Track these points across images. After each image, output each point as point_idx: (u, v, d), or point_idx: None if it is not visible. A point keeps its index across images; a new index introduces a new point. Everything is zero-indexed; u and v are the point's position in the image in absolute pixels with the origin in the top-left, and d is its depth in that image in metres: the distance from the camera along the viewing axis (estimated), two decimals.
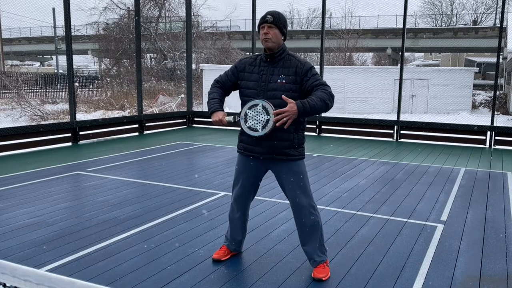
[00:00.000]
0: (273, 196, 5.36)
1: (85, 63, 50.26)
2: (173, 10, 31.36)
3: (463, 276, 3.29)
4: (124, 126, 10.63)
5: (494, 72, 9.97)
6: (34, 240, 3.85)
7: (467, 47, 36.35)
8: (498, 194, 5.70)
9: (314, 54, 46.06)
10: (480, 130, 9.82)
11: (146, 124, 11.10)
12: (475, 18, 46.54)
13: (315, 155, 8.30)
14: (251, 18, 11.31)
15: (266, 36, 3.05)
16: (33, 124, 14.81)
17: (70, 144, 9.10)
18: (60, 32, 34.94)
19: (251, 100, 3.06)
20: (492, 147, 9.65)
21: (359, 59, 43.91)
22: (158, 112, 18.06)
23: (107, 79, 28.05)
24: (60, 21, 34.69)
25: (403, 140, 10.45)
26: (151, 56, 32.39)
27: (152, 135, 10.82)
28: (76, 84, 25.96)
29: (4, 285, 1.25)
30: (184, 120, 12.51)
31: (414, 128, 10.44)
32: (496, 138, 9.67)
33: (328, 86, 3.03)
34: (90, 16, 72.02)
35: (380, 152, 8.74)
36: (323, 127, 11.14)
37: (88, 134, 9.51)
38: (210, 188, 5.70)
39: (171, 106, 20.21)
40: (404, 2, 10.05)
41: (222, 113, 3.14)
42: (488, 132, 9.77)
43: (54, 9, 36.72)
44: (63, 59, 29.67)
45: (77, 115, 10.05)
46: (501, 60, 15.56)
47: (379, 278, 3.22)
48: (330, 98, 2.97)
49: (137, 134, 10.84)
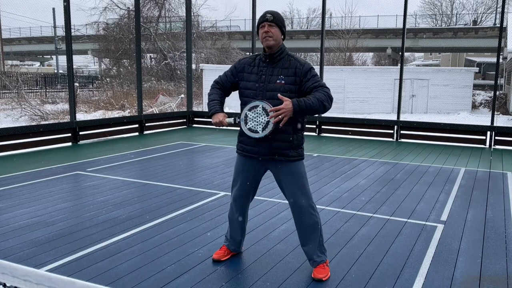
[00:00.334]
0: (273, 196, 5.36)
1: (85, 63, 50.24)
2: (173, 10, 31.39)
3: (463, 276, 3.29)
4: (124, 126, 10.63)
5: (494, 72, 9.98)
6: (34, 240, 3.85)
7: (467, 47, 36.36)
8: (498, 194, 5.71)
9: (314, 54, 46.07)
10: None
11: (146, 124, 11.11)
12: (475, 18, 46.56)
13: (315, 155, 8.30)
14: (251, 18, 11.31)
15: (267, 34, 3.03)
16: (33, 124, 14.79)
17: (70, 144, 9.11)
18: (60, 32, 34.96)
19: (250, 101, 3.06)
20: (492, 147, 9.65)
21: (359, 59, 43.92)
22: (158, 112, 18.06)
23: (107, 79, 28.04)
24: (60, 21, 34.72)
25: (403, 140, 10.46)
26: (151, 56, 32.39)
27: (152, 135, 10.82)
28: (76, 84, 25.97)
29: (4, 285, 1.25)
30: (184, 120, 12.51)
31: (414, 128, 10.44)
32: (496, 138, 9.67)
33: (327, 88, 3.03)
34: (90, 16, 72.09)
35: (380, 152, 8.74)
36: (323, 127, 11.15)
37: (88, 134, 9.51)
38: (210, 188, 5.70)
39: (171, 106, 20.21)
40: (404, 2, 10.05)
41: (222, 114, 3.13)
42: (488, 132, 9.78)
43: (54, 9, 36.77)
44: (63, 59, 29.67)
45: (77, 115, 10.05)
46: (501, 60, 15.55)
47: (379, 278, 3.22)
48: (328, 100, 2.97)
49: (137, 134, 10.85)
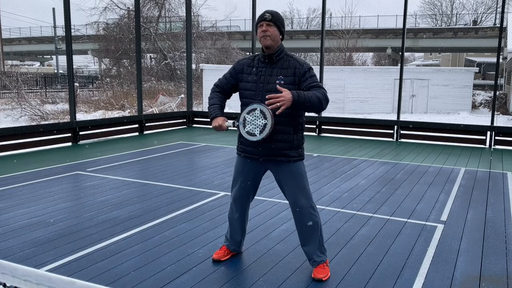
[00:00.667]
0: (273, 196, 5.36)
1: (85, 63, 50.23)
2: (173, 10, 31.39)
3: (463, 276, 3.29)
4: (124, 126, 10.63)
5: (494, 72, 9.97)
6: (34, 240, 3.85)
7: (467, 47, 36.37)
8: (498, 194, 5.70)
9: (314, 54, 46.09)
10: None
11: (146, 124, 11.11)
12: (475, 18, 46.56)
13: (315, 155, 8.30)
14: (251, 18, 11.31)
15: (265, 34, 3.02)
16: (33, 124, 14.81)
17: (70, 144, 9.11)
18: (60, 32, 34.96)
19: (250, 102, 3.06)
20: (492, 147, 9.65)
21: (359, 59, 43.92)
22: (158, 112, 18.06)
23: (107, 79, 28.04)
24: (60, 21, 34.72)
25: (403, 140, 10.46)
26: (151, 56, 32.38)
27: (152, 135, 10.82)
28: (76, 84, 25.97)
29: (4, 285, 1.25)
30: (184, 120, 12.51)
31: (414, 128, 10.44)
32: (496, 138, 9.67)
33: (324, 89, 3.04)
34: (90, 16, 72.09)
35: (380, 152, 8.74)
36: (323, 127, 11.15)
37: (88, 134, 9.51)
38: (210, 188, 5.70)
39: (171, 106, 20.21)
40: (404, 2, 10.05)
41: (221, 118, 3.13)
42: (488, 132, 9.77)
43: (54, 9, 36.78)
44: (63, 59, 29.67)
45: (77, 115, 10.05)
46: (501, 60, 15.56)
47: (379, 278, 3.22)
48: (325, 99, 2.98)
49: (137, 134, 10.85)
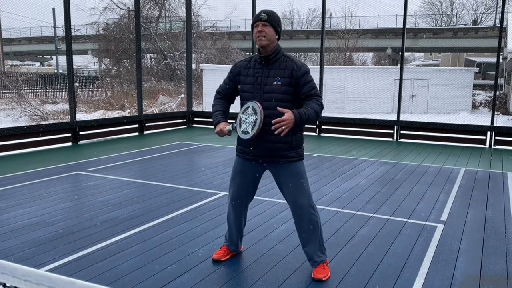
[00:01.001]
0: (273, 196, 5.36)
1: (85, 63, 50.23)
2: (173, 10, 31.39)
3: (463, 276, 3.29)
4: (124, 126, 10.63)
5: (494, 72, 9.97)
6: (34, 240, 3.85)
7: (467, 47, 36.37)
8: (498, 194, 5.70)
9: (314, 54, 46.11)
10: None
11: (146, 124, 11.11)
12: (475, 18, 46.56)
13: (315, 155, 8.30)
14: (251, 18, 11.32)
15: (260, 34, 3.01)
16: (33, 124, 14.81)
17: (70, 144, 9.11)
18: (60, 32, 34.96)
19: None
20: (492, 147, 9.65)
21: (359, 59, 43.92)
22: (158, 112, 18.06)
23: (107, 79, 28.04)
24: (60, 21, 34.72)
25: (403, 140, 10.46)
26: (151, 56, 32.38)
27: (152, 135, 10.82)
28: (76, 84, 25.96)
29: (4, 285, 1.25)
30: (184, 120, 12.51)
31: (414, 128, 10.44)
32: (496, 138, 9.67)
33: (320, 97, 3.07)
34: (90, 16, 72.08)
35: (380, 152, 8.74)
36: (323, 127, 11.15)
37: (88, 134, 9.51)
38: (210, 188, 5.70)
39: (171, 106, 20.21)
40: (404, 2, 10.05)
41: (223, 123, 3.14)
42: (488, 132, 9.77)
43: (54, 9, 36.78)
44: (63, 59, 29.66)
45: (77, 115, 10.05)
46: (501, 60, 15.55)
47: (379, 278, 3.22)
48: (320, 110, 3.04)
49: (137, 134, 10.85)
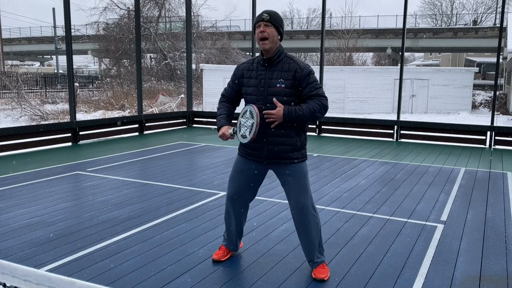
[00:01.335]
0: (273, 196, 5.36)
1: (85, 63, 50.22)
2: (173, 10, 31.39)
3: (463, 276, 3.29)
4: (124, 126, 10.63)
5: (494, 72, 9.97)
6: (34, 240, 3.85)
7: (467, 47, 36.37)
8: (498, 194, 5.70)
9: (314, 54, 46.11)
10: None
11: (146, 124, 11.11)
12: (475, 18, 46.56)
13: (315, 155, 8.30)
14: (251, 18, 11.32)
15: (263, 35, 2.98)
16: (33, 124, 14.81)
17: (70, 144, 9.11)
18: (60, 32, 34.96)
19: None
20: (492, 147, 9.65)
21: (359, 59, 43.93)
22: (158, 112, 18.06)
23: (107, 79, 28.04)
24: (60, 21, 34.72)
25: (403, 140, 10.46)
26: (151, 56, 32.38)
27: (152, 135, 10.82)
28: (76, 84, 25.96)
29: (4, 285, 1.25)
30: (184, 120, 12.51)
31: (414, 128, 10.44)
32: (496, 138, 9.67)
33: (323, 98, 3.01)
34: (90, 16, 72.08)
35: (380, 152, 8.74)
36: (323, 127, 11.14)
37: (88, 134, 9.51)
38: (210, 188, 5.70)
39: (171, 106, 20.21)
40: (404, 2, 10.05)
41: (225, 127, 3.13)
42: (488, 132, 9.77)
43: (54, 9, 36.77)
44: (63, 59, 29.68)
45: (77, 115, 10.05)
46: (501, 60, 15.56)
47: (379, 278, 3.22)
48: (321, 110, 2.97)
49: (137, 134, 10.85)
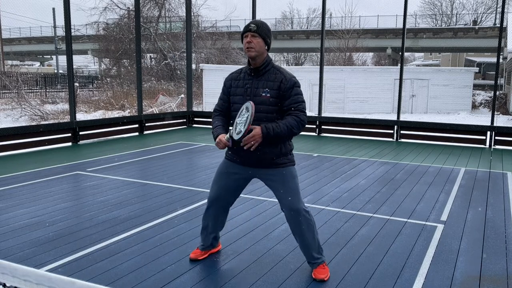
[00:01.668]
0: (273, 196, 5.36)
1: (85, 63, 50.22)
2: (173, 10, 31.39)
3: (463, 276, 3.29)
4: (124, 126, 10.63)
5: (494, 72, 9.98)
6: (34, 240, 3.85)
7: (467, 47, 36.38)
8: (498, 194, 5.70)
9: (314, 54, 46.10)
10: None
11: (146, 124, 11.11)
12: (475, 18, 46.55)
13: (315, 155, 8.30)
14: (251, 18, 11.31)
15: (249, 45, 3.02)
16: (33, 124, 14.81)
17: (70, 144, 9.11)
18: (60, 32, 34.95)
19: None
20: (492, 147, 9.65)
21: (359, 59, 43.94)
22: (158, 112, 18.06)
23: (107, 79, 28.03)
24: (60, 21, 34.72)
25: (403, 140, 10.46)
26: (151, 56, 32.38)
27: (152, 135, 10.82)
28: (76, 84, 25.96)
29: (4, 285, 1.25)
30: (184, 120, 12.51)
31: (414, 128, 10.44)
32: (496, 138, 9.67)
33: (302, 113, 3.03)
34: (90, 16, 72.06)
35: (380, 152, 8.74)
36: (323, 127, 11.15)
37: (88, 134, 9.51)
38: (210, 188, 5.69)
39: (171, 106, 20.21)
40: (404, 2, 10.05)
41: (222, 135, 3.15)
42: (488, 132, 9.77)
43: (54, 9, 36.76)
44: (63, 59, 29.66)
45: (77, 115, 10.05)
46: (501, 60, 15.56)
47: (379, 278, 3.22)
48: (298, 126, 3.00)
49: (137, 134, 10.85)
